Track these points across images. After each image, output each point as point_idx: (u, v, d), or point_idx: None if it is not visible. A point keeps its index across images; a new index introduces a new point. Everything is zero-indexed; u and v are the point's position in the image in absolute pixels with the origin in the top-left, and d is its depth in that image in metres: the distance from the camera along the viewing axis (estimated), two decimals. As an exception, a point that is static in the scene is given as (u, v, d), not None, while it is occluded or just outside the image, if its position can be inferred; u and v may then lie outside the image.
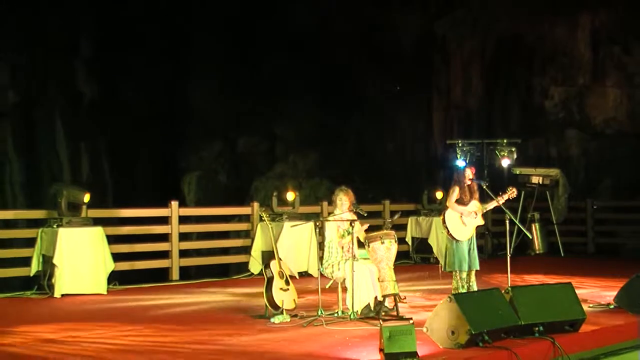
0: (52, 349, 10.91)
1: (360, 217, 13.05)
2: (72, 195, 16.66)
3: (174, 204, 18.83)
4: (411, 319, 11.80)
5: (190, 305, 15.08)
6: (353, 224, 12.49)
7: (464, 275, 14.10)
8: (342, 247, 12.70)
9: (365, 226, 13.04)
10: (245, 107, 27.33)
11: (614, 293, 13.59)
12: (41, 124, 25.13)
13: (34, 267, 16.31)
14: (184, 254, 19.02)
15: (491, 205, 14.34)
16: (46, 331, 12.19)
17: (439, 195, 21.50)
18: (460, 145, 23.82)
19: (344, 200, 13.01)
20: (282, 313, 12.50)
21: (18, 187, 24.10)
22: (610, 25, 27.73)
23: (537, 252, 23.69)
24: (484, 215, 14.61)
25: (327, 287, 13.13)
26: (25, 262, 16.46)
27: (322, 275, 12.98)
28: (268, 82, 27.14)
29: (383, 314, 12.43)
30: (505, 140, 24.42)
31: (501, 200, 14.22)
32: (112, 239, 17.23)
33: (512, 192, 14.41)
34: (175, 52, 27.10)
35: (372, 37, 28.33)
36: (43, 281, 16.13)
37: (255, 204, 20.26)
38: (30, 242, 16.59)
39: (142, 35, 26.17)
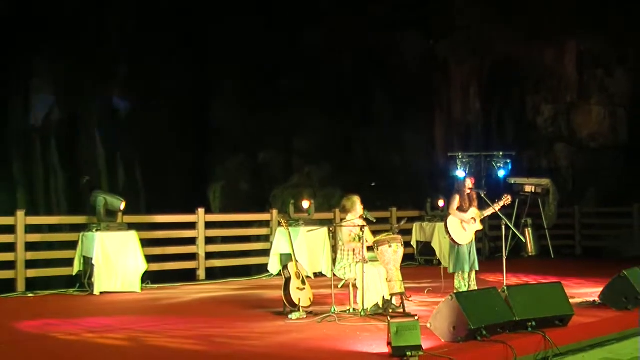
0: (101, 338, 11.01)
1: (369, 223, 13.04)
2: (109, 202, 16.70)
3: (201, 210, 18.87)
4: (416, 315, 11.81)
5: (215, 303, 15.09)
6: (363, 230, 12.48)
7: (466, 275, 14.10)
8: (353, 250, 12.67)
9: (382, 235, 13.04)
10: (265, 124, 27.33)
11: (599, 291, 13.57)
12: (82, 138, 25.19)
13: (76, 267, 16.38)
14: (209, 256, 19.03)
15: (488, 211, 14.32)
16: (93, 323, 12.31)
17: (441, 203, 21.47)
18: (460, 157, 23.84)
19: (357, 206, 13.00)
20: (298, 310, 12.48)
21: (62, 195, 24.16)
22: (594, 50, 27.79)
23: (530, 254, 23.63)
24: (482, 221, 14.57)
25: (339, 286, 13.13)
26: (68, 262, 16.52)
27: (335, 275, 12.97)
28: (285, 100, 27.16)
29: (390, 311, 12.38)
30: (501, 153, 24.44)
31: (497, 206, 14.21)
32: (145, 242, 17.25)
33: (507, 199, 14.41)
34: (203, 73, 27.16)
35: (379, 58, 28.32)
36: (84, 280, 16.19)
37: (274, 211, 20.25)
38: (72, 245, 16.63)
39: (173, 57, 26.23)
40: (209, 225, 19.04)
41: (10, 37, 23.03)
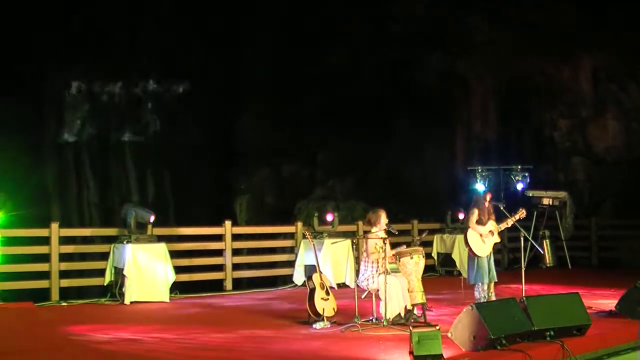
0: (132, 346, 11.14)
1: (392, 235, 13.03)
2: (139, 215, 16.76)
3: (228, 223, 18.88)
4: (437, 325, 11.78)
5: (242, 312, 15.09)
6: (385, 242, 12.47)
7: (485, 286, 14.06)
8: (377, 261, 12.65)
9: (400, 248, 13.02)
10: (289, 138, 27.39)
11: (615, 301, 13.53)
12: (113, 152, 25.31)
13: (107, 278, 16.49)
14: (236, 267, 19.04)
15: (504, 224, 14.30)
16: (124, 331, 12.42)
17: (461, 215, 21.41)
18: (479, 171, 23.77)
19: (382, 219, 13.00)
20: (323, 320, 12.49)
21: (94, 208, 24.28)
22: (608, 66, 27.71)
23: (548, 265, 23.50)
24: (500, 233, 14.54)
25: (362, 297, 13.11)
26: (100, 273, 16.63)
27: (358, 286, 12.96)
28: (310, 115, 27.20)
29: (412, 320, 12.38)
30: (519, 167, 24.34)
31: (512, 220, 14.20)
32: (173, 254, 17.29)
33: (521, 213, 14.38)
34: (230, 90, 27.24)
35: (401, 75, 28.33)
36: (115, 290, 16.26)
37: (299, 223, 20.25)
38: (104, 256, 16.75)
39: (203, 75, 26.35)
40: (235, 237, 19.04)
41: (44, 55, 23.20)
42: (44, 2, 23.23)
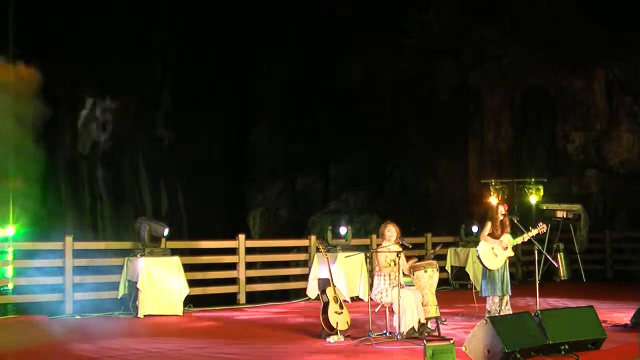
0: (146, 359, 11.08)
1: (405, 248, 12.99)
2: (153, 229, 16.76)
3: (241, 236, 18.88)
4: (451, 339, 11.73)
5: (255, 326, 15.09)
6: (399, 255, 12.43)
7: (497, 299, 13.99)
8: (389, 275, 12.63)
9: (413, 260, 12.95)
10: (303, 152, 27.42)
11: (631, 314, 13.46)
12: (127, 166, 25.38)
13: (121, 291, 16.47)
14: (250, 280, 19.04)
15: (522, 238, 14.19)
16: (138, 345, 12.45)
17: (475, 228, 21.35)
18: (492, 184, 23.73)
19: (393, 232, 12.97)
20: (336, 333, 12.45)
21: (108, 221, 24.33)
22: (622, 78, 27.64)
23: (562, 278, 23.41)
24: (514, 247, 14.46)
25: (376, 310, 13.08)
26: (114, 286, 16.62)
27: (372, 300, 12.94)
28: (323, 130, 27.24)
29: (426, 334, 12.34)
30: (532, 180, 24.32)
31: (531, 234, 14.09)
32: (187, 267, 17.30)
33: (542, 228, 14.16)
34: (244, 105, 27.32)
35: (414, 89, 28.34)
36: (129, 303, 16.26)
37: (313, 237, 20.21)
38: (118, 269, 16.73)
39: (216, 90, 26.44)
40: (249, 250, 19.06)
41: (60, 70, 23.30)
42: (56, 17, 23.36)
